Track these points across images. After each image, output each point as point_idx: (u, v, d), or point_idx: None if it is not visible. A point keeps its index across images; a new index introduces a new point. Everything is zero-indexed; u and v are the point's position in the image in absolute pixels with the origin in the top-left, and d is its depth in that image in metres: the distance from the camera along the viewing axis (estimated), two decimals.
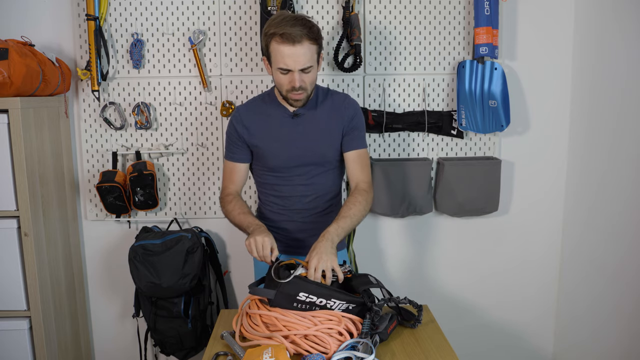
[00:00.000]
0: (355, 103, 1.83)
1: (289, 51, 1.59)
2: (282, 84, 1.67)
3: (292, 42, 1.58)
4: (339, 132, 1.78)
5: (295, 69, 1.62)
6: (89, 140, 2.26)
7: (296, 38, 1.58)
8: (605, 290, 2.10)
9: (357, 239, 2.26)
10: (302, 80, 1.64)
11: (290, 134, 1.76)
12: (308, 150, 1.77)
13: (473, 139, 2.31)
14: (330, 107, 1.79)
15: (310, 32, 1.61)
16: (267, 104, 1.80)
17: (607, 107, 2.08)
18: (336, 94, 1.83)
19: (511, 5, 2.24)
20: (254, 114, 1.80)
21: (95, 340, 2.43)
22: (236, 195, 1.82)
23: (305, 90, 1.68)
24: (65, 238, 2.19)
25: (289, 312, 1.45)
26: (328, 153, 1.79)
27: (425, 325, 1.63)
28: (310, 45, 1.62)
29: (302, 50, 1.60)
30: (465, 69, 2.19)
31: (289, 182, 1.81)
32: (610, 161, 2.06)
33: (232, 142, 1.82)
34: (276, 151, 1.77)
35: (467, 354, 2.29)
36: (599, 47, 2.13)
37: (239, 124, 1.79)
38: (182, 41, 2.21)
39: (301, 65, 1.62)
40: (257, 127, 1.78)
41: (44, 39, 2.19)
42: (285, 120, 1.77)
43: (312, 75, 1.67)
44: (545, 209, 2.40)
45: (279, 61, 1.63)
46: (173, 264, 2.07)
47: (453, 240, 2.41)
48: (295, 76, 1.63)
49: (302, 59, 1.61)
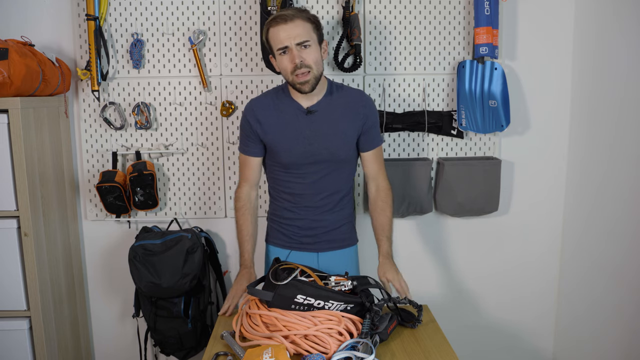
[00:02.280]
0: (370, 100, 1.84)
1: (283, 28, 1.63)
2: (285, 67, 1.67)
3: (284, 20, 1.63)
4: (353, 131, 1.78)
5: (292, 44, 1.63)
6: (89, 140, 2.26)
7: (288, 17, 1.63)
8: (605, 290, 2.10)
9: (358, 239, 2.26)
10: (301, 57, 1.64)
11: (304, 131, 1.75)
12: (321, 148, 1.76)
13: (473, 139, 2.31)
14: (345, 104, 1.78)
15: (303, 12, 1.66)
16: (281, 98, 1.79)
17: (607, 107, 2.08)
18: (351, 90, 1.83)
19: (511, 5, 2.24)
20: (267, 109, 1.78)
21: (95, 340, 2.44)
22: (248, 201, 1.85)
23: (310, 69, 1.66)
24: (65, 238, 2.19)
25: (289, 312, 1.45)
26: (341, 151, 1.79)
27: (425, 325, 1.63)
28: (304, 23, 1.64)
29: (294, 25, 1.63)
30: (465, 69, 2.19)
31: (301, 180, 1.81)
32: (610, 161, 2.06)
33: (246, 136, 1.82)
34: (288, 148, 1.76)
35: (467, 354, 2.30)
36: (599, 47, 2.13)
37: (252, 118, 1.78)
38: (182, 41, 2.21)
39: (296, 39, 1.63)
40: (270, 123, 1.77)
41: (44, 39, 2.19)
42: (298, 116, 1.76)
43: (313, 53, 1.66)
44: (545, 209, 2.40)
45: (277, 42, 1.65)
46: (173, 264, 2.07)
47: (453, 240, 2.41)
48: (294, 52, 1.63)
49: (295, 32, 1.63)
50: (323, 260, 1.88)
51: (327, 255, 1.88)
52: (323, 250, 1.88)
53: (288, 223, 1.87)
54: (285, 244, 1.90)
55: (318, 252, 1.88)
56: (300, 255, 1.87)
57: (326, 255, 1.88)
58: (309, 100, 1.76)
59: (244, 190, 1.86)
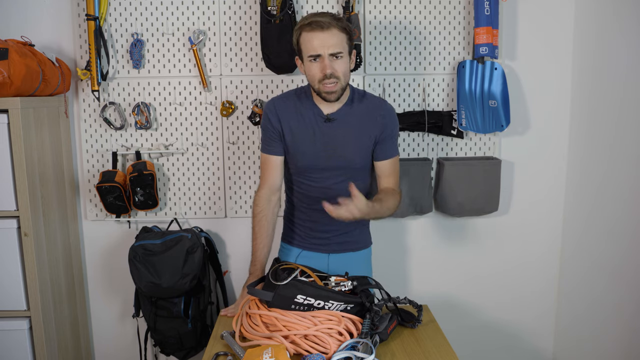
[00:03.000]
0: (391, 110, 1.81)
1: (318, 36, 1.61)
2: (313, 74, 1.66)
3: (320, 28, 1.61)
4: (371, 140, 1.77)
5: (325, 53, 1.62)
6: (89, 140, 2.26)
7: (324, 25, 1.60)
8: (605, 290, 2.10)
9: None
10: (332, 67, 1.62)
11: (321, 138, 1.75)
12: (337, 156, 1.75)
13: (473, 139, 2.31)
14: (365, 112, 1.76)
15: (339, 21, 1.64)
16: (302, 101, 1.77)
17: (607, 106, 2.08)
18: (372, 98, 1.81)
19: (511, 5, 2.24)
20: (289, 110, 1.77)
21: (95, 340, 2.43)
22: (266, 206, 1.80)
23: (339, 81, 1.65)
24: (65, 238, 2.19)
25: (289, 312, 1.45)
26: (357, 159, 1.78)
27: (425, 325, 1.63)
28: (339, 33, 1.63)
29: (330, 34, 1.61)
30: (465, 69, 2.19)
31: (315, 183, 1.80)
32: (610, 161, 2.06)
33: (267, 135, 1.79)
34: (304, 152, 1.76)
35: (467, 354, 2.30)
36: (599, 47, 2.13)
37: (274, 117, 1.77)
38: (182, 41, 2.21)
39: (330, 49, 1.61)
40: (290, 125, 1.76)
41: (44, 39, 2.19)
42: (318, 123, 1.75)
43: (344, 65, 1.65)
44: (545, 209, 2.40)
45: (309, 49, 1.63)
46: (173, 264, 2.07)
47: (453, 240, 2.41)
48: (326, 61, 1.62)
49: (331, 42, 1.61)
50: (333, 262, 1.87)
51: (338, 256, 1.88)
52: (334, 252, 1.87)
53: (300, 224, 1.87)
54: (297, 243, 1.89)
55: (329, 253, 1.87)
56: (310, 255, 1.87)
57: (337, 256, 1.88)
58: (330, 107, 1.75)
59: (264, 194, 1.81)
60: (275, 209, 1.84)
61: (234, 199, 2.32)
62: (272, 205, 1.82)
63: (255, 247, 1.81)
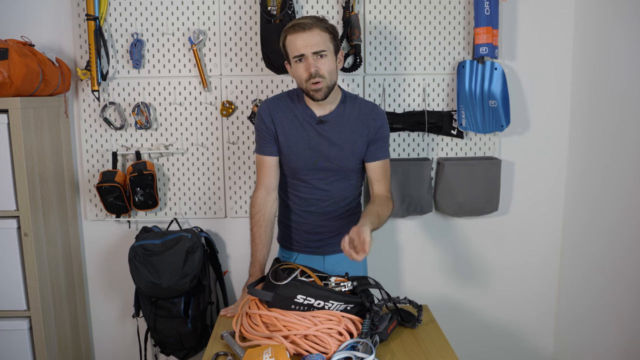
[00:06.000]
0: (382, 114, 1.82)
1: (301, 36, 1.64)
2: (300, 74, 1.67)
3: (302, 29, 1.64)
4: (363, 143, 1.78)
5: (308, 52, 1.64)
6: (89, 140, 2.26)
7: (306, 25, 1.63)
8: (605, 290, 2.10)
9: None
10: (316, 66, 1.64)
11: (313, 140, 1.76)
12: (329, 158, 1.76)
13: (473, 139, 2.31)
14: (356, 116, 1.78)
15: (322, 22, 1.66)
16: (295, 103, 1.79)
17: (607, 106, 2.08)
18: (364, 102, 1.82)
19: (511, 5, 2.24)
20: (283, 111, 1.78)
21: (95, 340, 2.43)
22: (263, 207, 1.80)
23: (324, 79, 1.66)
24: (65, 238, 2.19)
25: (289, 312, 1.45)
26: (349, 162, 1.79)
27: (425, 325, 1.63)
28: (322, 33, 1.65)
29: (312, 34, 1.63)
30: (465, 69, 2.19)
31: (308, 185, 1.81)
32: (611, 161, 2.06)
33: (262, 136, 1.80)
34: (296, 154, 1.77)
35: (467, 354, 2.30)
36: (599, 47, 2.13)
37: (268, 117, 1.78)
38: (182, 41, 2.21)
39: (313, 48, 1.63)
40: (283, 126, 1.77)
41: (44, 39, 2.19)
42: (310, 125, 1.76)
43: (328, 63, 1.66)
44: (545, 209, 2.40)
45: (293, 50, 1.66)
46: (173, 264, 2.07)
47: (453, 240, 2.41)
48: (310, 60, 1.64)
49: (313, 41, 1.63)
50: (329, 263, 1.88)
51: (334, 257, 1.88)
52: (329, 253, 1.88)
53: (295, 227, 1.88)
54: (293, 247, 1.90)
55: (324, 255, 1.88)
56: (307, 258, 1.88)
57: (333, 257, 1.89)
58: (322, 109, 1.76)
59: (260, 195, 1.81)
60: (272, 210, 1.84)
61: (234, 199, 2.32)
62: (269, 206, 1.82)
63: (254, 248, 1.81)
